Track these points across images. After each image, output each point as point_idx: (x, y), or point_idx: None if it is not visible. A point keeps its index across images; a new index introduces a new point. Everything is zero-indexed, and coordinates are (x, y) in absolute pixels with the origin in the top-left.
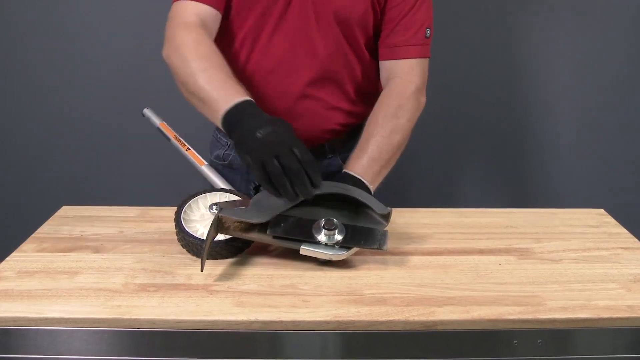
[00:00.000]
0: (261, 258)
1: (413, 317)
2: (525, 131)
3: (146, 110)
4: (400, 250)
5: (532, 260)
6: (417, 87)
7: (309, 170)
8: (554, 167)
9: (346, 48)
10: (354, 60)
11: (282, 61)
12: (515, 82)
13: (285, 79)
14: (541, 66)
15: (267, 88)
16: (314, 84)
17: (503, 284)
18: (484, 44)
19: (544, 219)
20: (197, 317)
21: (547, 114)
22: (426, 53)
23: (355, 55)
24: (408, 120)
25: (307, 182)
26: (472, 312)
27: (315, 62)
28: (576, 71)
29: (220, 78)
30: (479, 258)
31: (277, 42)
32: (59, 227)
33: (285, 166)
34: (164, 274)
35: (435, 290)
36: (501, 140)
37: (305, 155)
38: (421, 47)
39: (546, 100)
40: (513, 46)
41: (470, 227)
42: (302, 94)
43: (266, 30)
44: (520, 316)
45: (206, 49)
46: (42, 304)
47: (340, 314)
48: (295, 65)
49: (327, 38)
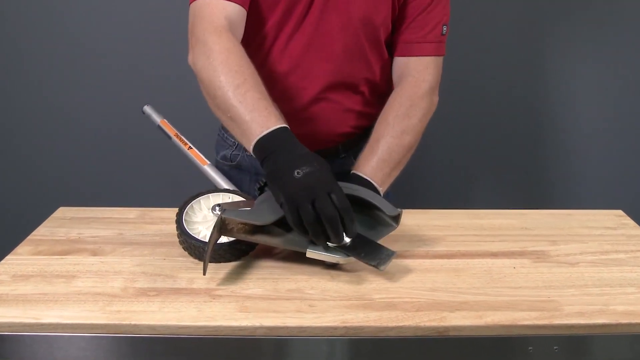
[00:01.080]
0: (266, 261)
1: (424, 323)
2: (540, 130)
3: (146, 108)
4: (410, 253)
5: (547, 263)
6: (430, 87)
7: (345, 217)
8: (571, 166)
9: (366, 48)
10: (373, 60)
11: (299, 63)
12: (532, 80)
13: (300, 82)
14: (559, 64)
15: (281, 90)
16: (330, 88)
17: (517, 288)
18: (500, 42)
19: (560, 220)
20: (199, 323)
21: (564, 112)
22: (441, 51)
23: (375, 54)
24: (420, 121)
25: (341, 230)
26: (485, 318)
27: (332, 65)
28: (595, 69)
29: (254, 97)
30: (493, 261)
31: (295, 44)
32: (55, 229)
33: (322, 212)
34: (164, 277)
35: (447, 295)
36: (516, 139)
37: (343, 202)
38: (437, 44)
39: (563, 98)
40: (530, 44)
41: (483, 228)
42: (316, 97)
43: (285, 31)
44: (535, 322)
45: (238, 61)
46: (38, 309)
47: (348, 319)
48: (312, 68)
49: (347, 40)
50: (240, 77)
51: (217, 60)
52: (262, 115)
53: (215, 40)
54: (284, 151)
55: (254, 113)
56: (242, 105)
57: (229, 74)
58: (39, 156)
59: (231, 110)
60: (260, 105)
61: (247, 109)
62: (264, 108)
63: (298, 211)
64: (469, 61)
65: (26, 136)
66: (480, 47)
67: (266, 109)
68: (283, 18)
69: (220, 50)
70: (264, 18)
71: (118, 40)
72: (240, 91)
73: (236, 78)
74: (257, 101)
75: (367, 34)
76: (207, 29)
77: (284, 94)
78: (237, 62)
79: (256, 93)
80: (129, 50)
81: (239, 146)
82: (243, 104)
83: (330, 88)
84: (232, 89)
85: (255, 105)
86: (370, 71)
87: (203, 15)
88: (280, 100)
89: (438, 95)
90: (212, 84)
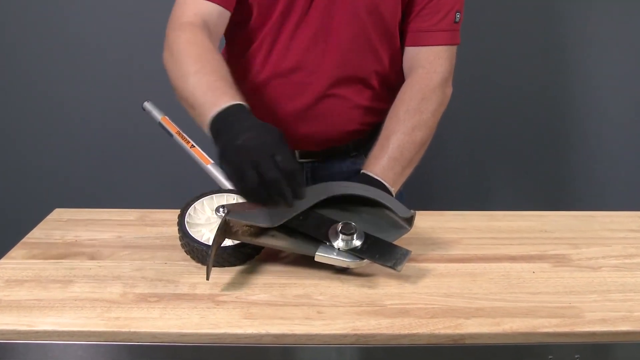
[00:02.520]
0: (272, 265)
1: (438, 330)
2: (561, 127)
3: (147, 104)
4: (424, 257)
5: (568, 267)
6: (442, 78)
7: (291, 180)
8: (593, 166)
9: (375, 39)
10: (382, 50)
11: (304, 59)
12: (554, 75)
13: (306, 78)
14: (582, 61)
15: (287, 87)
16: (338, 83)
17: (537, 293)
18: (519, 33)
19: (581, 222)
20: (202, 330)
21: (587, 109)
22: (454, 39)
23: (384, 44)
24: (432, 115)
25: (288, 193)
26: (503, 325)
27: (339, 59)
28: (619, 66)
29: (210, 80)
30: (511, 265)
31: (299, 39)
32: (51, 232)
33: (264, 176)
34: (166, 282)
35: (463, 301)
36: (535, 137)
37: (288, 163)
38: (449, 33)
39: (587, 95)
40: (551, 37)
41: (501, 231)
42: (323, 93)
43: (288, 27)
44: (556, 329)
45: (199, 50)
46: (33, 316)
47: (358, 326)
48: (318, 63)
49: (354, 31)
50: (198, 63)
51: (179, 51)
52: (215, 95)
53: (178, 34)
54: (233, 125)
55: (207, 95)
56: (197, 89)
57: (187, 62)
58: (34, 155)
59: (189, 98)
60: (214, 86)
61: (202, 91)
62: (217, 88)
63: (242, 179)
64: (487, 53)
65: (20, 134)
66: (500, 39)
67: (219, 88)
68: (284, 14)
69: (181, 42)
70: (263, 16)
71: (116, 33)
72: (197, 77)
73: (195, 65)
74: (212, 83)
75: (374, 24)
76: (173, 26)
77: (289, 92)
78: (198, 51)
79: (212, 76)
80: (127, 43)
81: None
82: (198, 88)
83: (338, 83)
84: (190, 75)
85: (209, 87)
86: (380, 63)
87: (174, 14)
88: (287, 99)
89: (452, 87)
90: (175, 74)
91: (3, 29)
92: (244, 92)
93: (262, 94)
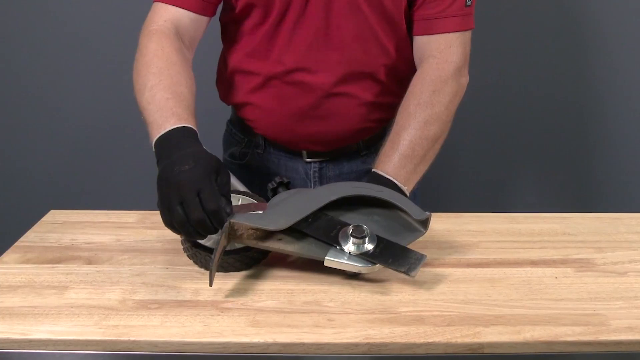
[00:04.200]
0: (279, 270)
1: (456, 339)
2: (585, 125)
3: None
4: (440, 262)
5: (593, 272)
6: (456, 67)
7: (213, 220)
8: (619, 166)
9: (378, 30)
10: (387, 40)
11: (306, 57)
12: (580, 71)
13: (308, 78)
14: (607, 58)
15: (288, 88)
16: (344, 80)
17: (560, 300)
18: (545, 28)
19: (606, 225)
20: (205, 339)
21: (612, 107)
22: (467, 24)
23: (389, 34)
24: (446, 108)
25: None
26: (524, 333)
27: (343, 55)
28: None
29: (162, 98)
30: (532, 270)
31: (298, 38)
32: (46, 235)
33: (188, 216)
34: (167, 288)
35: (481, 308)
36: (559, 134)
37: (210, 202)
38: (460, 18)
39: (612, 90)
40: (577, 33)
41: (521, 234)
42: (329, 92)
43: (286, 26)
44: (580, 337)
45: (162, 63)
46: (27, 324)
47: (371, 335)
48: (321, 61)
49: (356, 24)
50: (155, 78)
51: (141, 62)
52: (163, 116)
53: (145, 44)
54: (171, 152)
55: (157, 114)
56: (150, 106)
57: (146, 76)
58: (27, 153)
59: (143, 113)
60: (166, 105)
61: (153, 110)
62: (168, 109)
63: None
64: (510, 46)
65: (13, 132)
66: (526, 32)
67: (170, 109)
68: (281, 12)
69: (146, 53)
70: (260, 15)
71: (113, 25)
72: (152, 93)
73: (153, 79)
74: (164, 101)
75: (377, 15)
76: (143, 33)
77: (292, 92)
78: (160, 64)
79: (166, 93)
80: (125, 36)
81: (248, 143)
82: (151, 105)
83: (344, 81)
84: (146, 91)
85: (160, 106)
86: (387, 55)
87: (147, 19)
88: (289, 99)
89: (468, 76)
90: (135, 87)
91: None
92: (244, 94)
93: (264, 95)
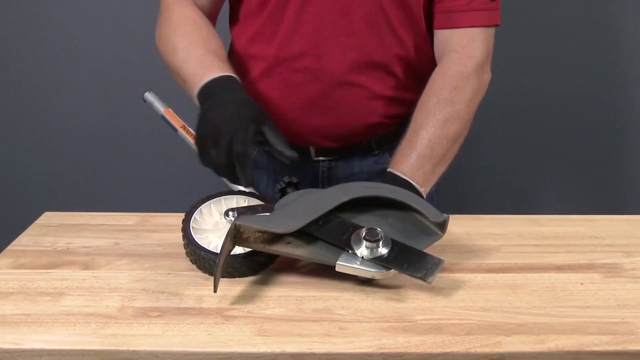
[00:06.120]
0: (288, 276)
1: (475, 349)
2: (613, 123)
3: (148, 95)
4: (459, 267)
5: (621, 278)
6: (478, 63)
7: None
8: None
9: (394, 18)
10: (404, 33)
11: (313, 42)
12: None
13: (315, 64)
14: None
15: (293, 75)
16: (355, 68)
17: (586, 307)
18: (572, 25)
19: (635, 227)
20: (209, 349)
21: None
22: (492, 20)
23: (407, 26)
24: (467, 106)
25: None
26: (547, 343)
27: (354, 40)
28: None
29: (198, 54)
30: (557, 276)
31: (305, 20)
32: (40, 238)
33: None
34: (169, 295)
35: (503, 316)
36: (584, 133)
37: (240, 146)
38: (486, 12)
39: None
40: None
41: (545, 237)
42: (339, 80)
43: (292, 5)
44: (607, 347)
45: (189, 27)
46: (20, 332)
47: (385, 344)
48: (330, 45)
49: (367, 8)
50: (186, 39)
51: (169, 26)
52: (205, 67)
53: (167, 13)
54: (215, 96)
55: (196, 67)
56: (186, 63)
57: (176, 38)
58: (20, 153)
59: (179, 72)
60: (204, 59)
61: (191, 65)
62: (208, 62)
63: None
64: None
65: (5, 130)
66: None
67: (211, 62)
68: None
69: (170, 21)
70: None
71: (109, 18)
72: (186, 52)
73: (182, 41)
74: (201, 57)
75: (392, 1)
76: (163, 5)
77: (297, 80)
78: (185, 28)
79: (201, 50)
80: (122, 29)
81: None
82: (188, 62)
83: (355, 70)
84: (179, 52)
85: (198, 60)
86: (403, 46)
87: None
88: (294, 87)
89: (491, 73)
90: (166, 49)
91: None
92: (250, 83)
93: (267, 83)
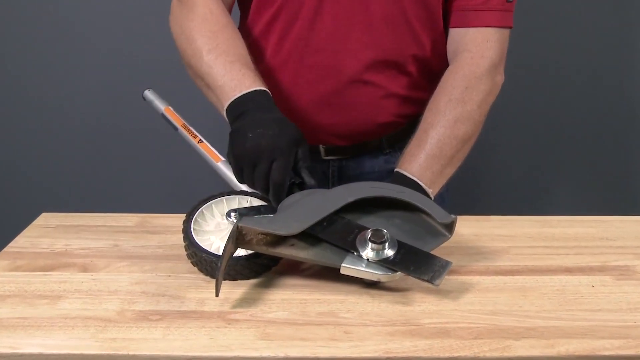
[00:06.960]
0: (292, 279)
1: (484, 353)
2: (625, 122)
3: (147, 93)
4: (467, 269)
5: (633, 281)
6: (492, 64)
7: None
8: None
9: (412, 17)
10: (422, 32)
11: (328, 38)
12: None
13: (330, 60)
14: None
15: (307, 71)
16: (371, 67)
17: (597, 311)
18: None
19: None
20: (211, 353)
21: None
22: (507, 21)
23: (425, 25)
24: (478, 107)
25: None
26: (558, 347)
27: (372, 39)
28: None
29: (226, 61)
30: (567, 278)
31: (322, 16)
32: (37, 240)
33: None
34: (169, 298)
35: (512, 319)
36: (595, 131)
37: (278, 174)
38: (500, 13)
39: None
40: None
41: (555, 239)
42: (353, 78)
43: (310, 2)
44: (619, 352)
45: (214, 26)
46: (17, 336)
47: (392, 348)
48: (347, 43)
49: (387, 7)
50: (212, 42)
51: (192, 23)
52: (235, 78)
53: (189, 6)
54: (251, 115)
55: (226, 77)
56: (213, 70)
57: (200, 40)
58: (17, 152)
59: (204, 78)
60: (232, 68)
61: (219, 73)
62: (237, 70)
63: (242, 173)
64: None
65: (2, 130)
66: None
67: (240, 71)
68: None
69: (193, 17)
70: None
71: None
72: (212, 56)
73: (207, 43)
74: (229, 64)
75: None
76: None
77: (311, 76)
78: (210, 27)
79: (228, 57)
80: (121, 27)
81: None
82: (214, 69)
83: (371, 67)
84: (204, 55)
85: (227, 69)
86: (420, 46)
87: None
88: (307, 84)
89: (504, 75)
90: (189, 50)
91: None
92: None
93: (279, 78)
